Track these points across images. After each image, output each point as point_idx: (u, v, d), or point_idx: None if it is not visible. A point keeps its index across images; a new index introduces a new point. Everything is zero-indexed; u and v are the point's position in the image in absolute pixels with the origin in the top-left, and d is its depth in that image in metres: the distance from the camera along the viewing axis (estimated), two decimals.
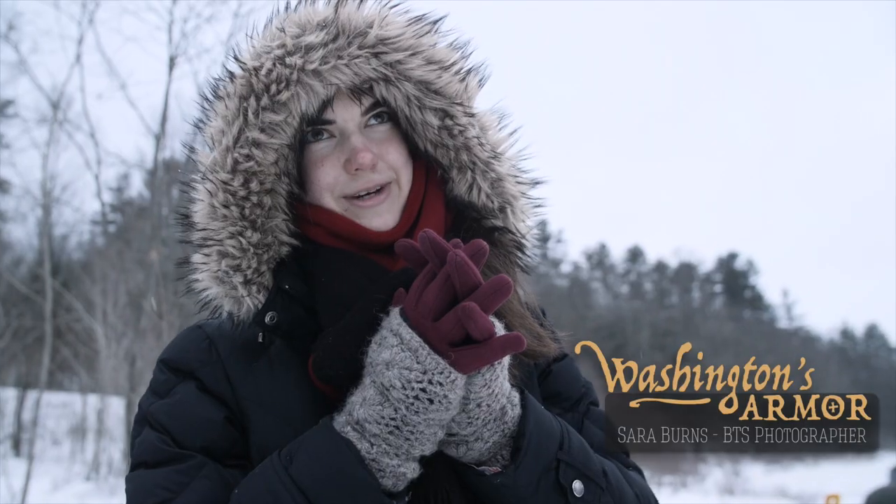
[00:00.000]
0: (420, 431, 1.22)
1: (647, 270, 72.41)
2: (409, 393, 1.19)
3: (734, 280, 73.48)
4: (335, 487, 1.21)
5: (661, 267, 71.52)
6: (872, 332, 77.31)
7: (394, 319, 1.24)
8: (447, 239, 1.42)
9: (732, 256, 74.76)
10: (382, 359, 1.22)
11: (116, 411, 22.55)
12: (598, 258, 70.60)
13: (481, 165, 1.51)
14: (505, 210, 1.54)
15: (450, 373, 1.18)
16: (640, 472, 1.54)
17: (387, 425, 1.21)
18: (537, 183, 1.59)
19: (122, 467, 21.21)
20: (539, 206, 1.59)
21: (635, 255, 72.06)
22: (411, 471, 1.26)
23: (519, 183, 1.56)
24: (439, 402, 1.19)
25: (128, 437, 11.96)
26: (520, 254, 1.56)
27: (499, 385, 1.27)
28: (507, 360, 1.29)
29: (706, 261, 73.75)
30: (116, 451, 22.69)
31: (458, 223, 1.51)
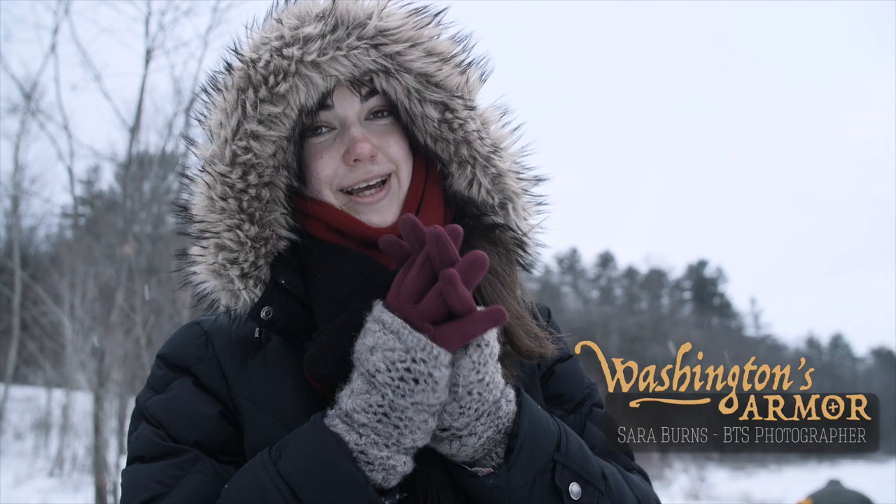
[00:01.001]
0: (409, 417, 1.21)
1: (617, 276, 72.88)
2: (393, 375, 1.18)
3: (703, 287, 74.12)
4: (322, 483, 1.20)
5: (631, 273, 72.01)
6: (837, 342, 78.49)
7: (376, 310, 1.24)
8: None
9: (702, 264, 75.43)
10: (366, 345, 1.22)
11: (82, 406, 22.26)
12: (569, 262, 70.92)
13: (482, 160, 1.50)
14: (506, 206, 1.53)
15: (432, 348, 1.18)
16: (644, 476, 1.53)
17: (374, 413, 1.20)
18: (540, 180, 1.57)
19: (86, 463, 20.92)
20: (542, 203, 1.58)
21: (606, 260, 72.49)
22: (402, 464, 1.24)
23: (521, 179, 1.55)
24: (424, 381, 1.18)
25: (94, 432, 11.83)
26: (521, 252, 1.54)
27: (489, 372, 1.26)
28: (494, 343, 1.27)
29: (676, 268, 74.34)
30: (81, 446, 22.40)
31: (458, 219, 1.50)
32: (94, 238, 20.84)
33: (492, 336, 1.26)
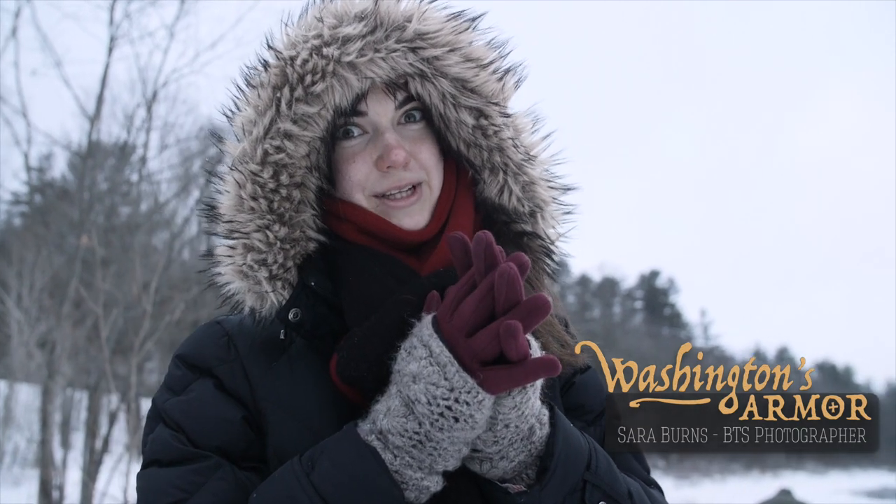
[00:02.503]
0: (444, 448, 1.18)
1: (570, 283, 73.36)
2: (433, 409, 1.15)
3: (655, 297, 75.10)
4: (358, 496, 1.17)
5: (584, 280, 72.58)
6: (783, 355, 79.99)
7: (425, 329, 1.19)
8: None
9: (654, 274, 76.43)
10: (410, 370, 1.18)
11: (25, 399, 21.77)
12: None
13: (514, 168, 1.48)
14: (535, 215, 1.51)
15: (477, 392, 1.14)
16: (660, 490, 1.53)
17: (410, 438, 1.17)
18: (569, 188, 1.56)
19: (27, 456, 20.48)
20: (569, 212, 1.56)
21: (559, 267, 72.93)
22: (435, 484, 1.22)
23: (551, 188, 1.53)
24: (465, 420, 1.15)
25: (42, 426, 11.56)
26: (548, 260, 1.53)
27: (529, 406, 1.23)
28: (539, 381, 1.25)
29: (629, 277, 75.23)
30: (23, 440, 21.90)
31: (486, 225, 1.48)
32: (45, 226, 20.38)
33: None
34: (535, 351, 1.21)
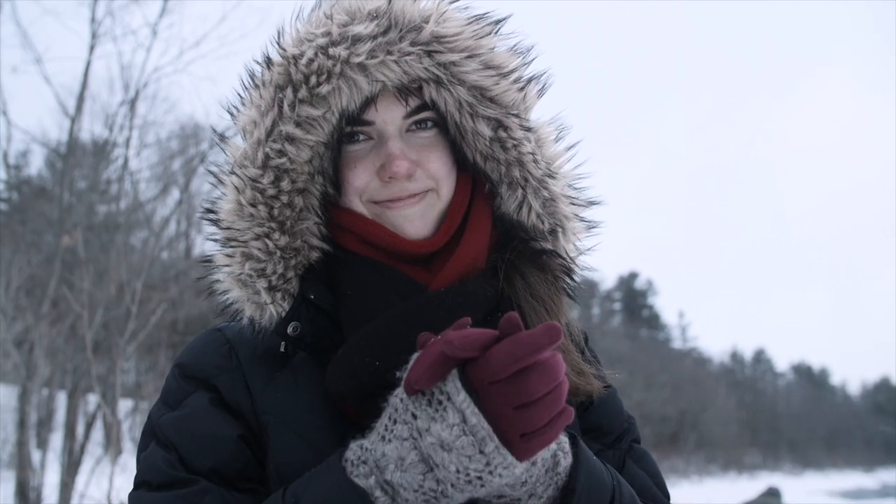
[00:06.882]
0: (456, 501, 1.09)
1: None
2: (462, 477, 1.04)
3: (633, 299, 75.31)
4: None
5: None
6: (760, 357, 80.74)
7: (459, 394, 1.03)
8: (489, 258, 1.35)
9: (633, 276, 76.63)
10: (437, 434, 1.04)
11: (1, 399, 21.51)
12: None
13: (534, 183, 1.38)
14: (556, 232, 1.42)
15: (515, 466, 1.04)
16: None
17: (424, 494, 1.07)
18: (593, 203, 1.47)
19: (1, 457, 20.25)
20: (593, 227, 1.47)
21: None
22: None
23: (573, 204, 1.44)
24: (490, 485, 1.05)
25: (20, 426, 11.42)
26: (567, 279, 1.43)
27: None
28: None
29: (608, 279, 75.36)
30: None
31: (503, 242, 1.39)
32: (22, 224, 20.17)
33: None
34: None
